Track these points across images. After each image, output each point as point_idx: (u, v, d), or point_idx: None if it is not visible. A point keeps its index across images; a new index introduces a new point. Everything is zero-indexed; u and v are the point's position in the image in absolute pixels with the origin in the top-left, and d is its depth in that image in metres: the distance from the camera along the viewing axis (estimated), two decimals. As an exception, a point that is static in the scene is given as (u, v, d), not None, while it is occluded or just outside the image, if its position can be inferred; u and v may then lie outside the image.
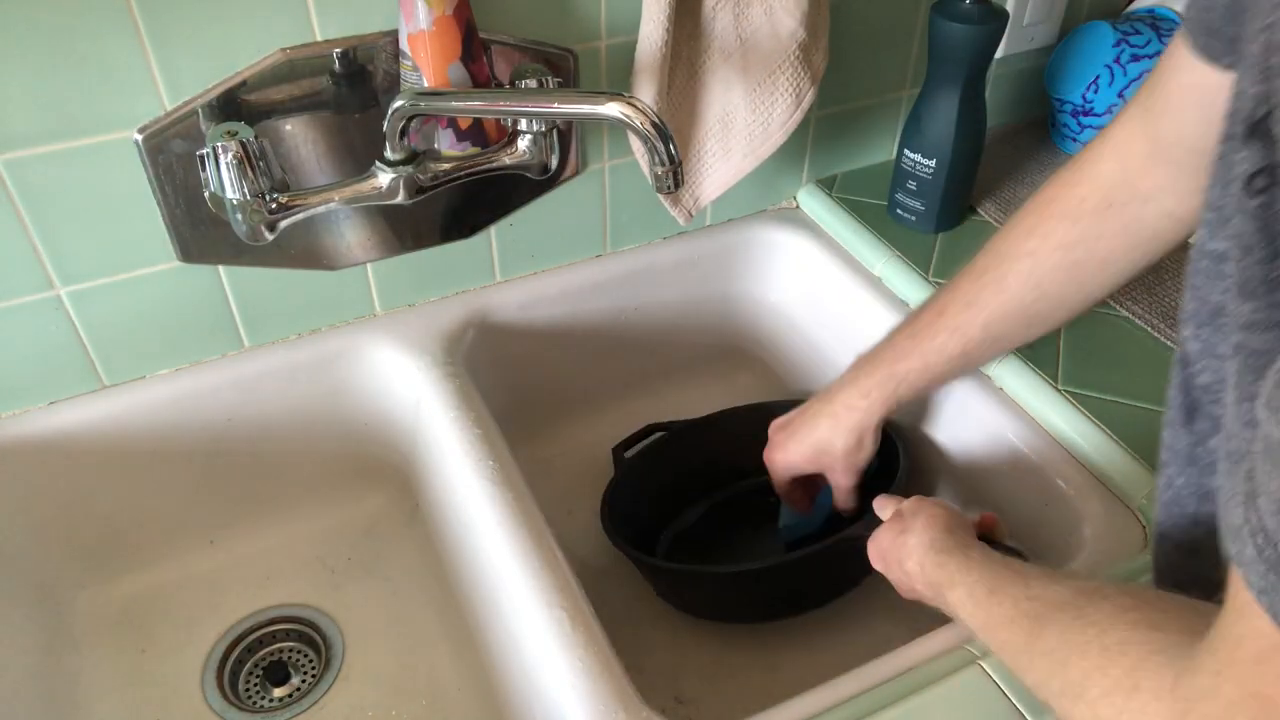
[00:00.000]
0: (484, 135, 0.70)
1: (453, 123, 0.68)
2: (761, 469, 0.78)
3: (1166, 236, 0.59)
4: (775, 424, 0.77)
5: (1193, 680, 0.35)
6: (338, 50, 0.67)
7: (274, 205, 0.64)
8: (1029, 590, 0.48)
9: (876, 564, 0.64)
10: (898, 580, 0.62)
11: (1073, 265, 0.61)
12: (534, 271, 0.87)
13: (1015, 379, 0.75)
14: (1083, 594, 0.45)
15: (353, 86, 0.69)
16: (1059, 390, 0.73)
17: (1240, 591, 0.32)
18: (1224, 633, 0.34)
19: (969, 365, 0.69)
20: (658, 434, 0.86)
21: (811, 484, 0.79)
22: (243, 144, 0.61)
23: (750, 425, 0.81)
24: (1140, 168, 0.57)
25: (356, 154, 0.71)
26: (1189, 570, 0.49)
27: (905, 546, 0.60)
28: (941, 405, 0.79)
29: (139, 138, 0.65)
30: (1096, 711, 0.40)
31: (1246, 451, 0.32)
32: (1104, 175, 0.59)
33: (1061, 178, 0.62)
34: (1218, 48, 0.47)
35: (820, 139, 0.94)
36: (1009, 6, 0.93)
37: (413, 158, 0.67)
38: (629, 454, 0.85)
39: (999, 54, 0.89)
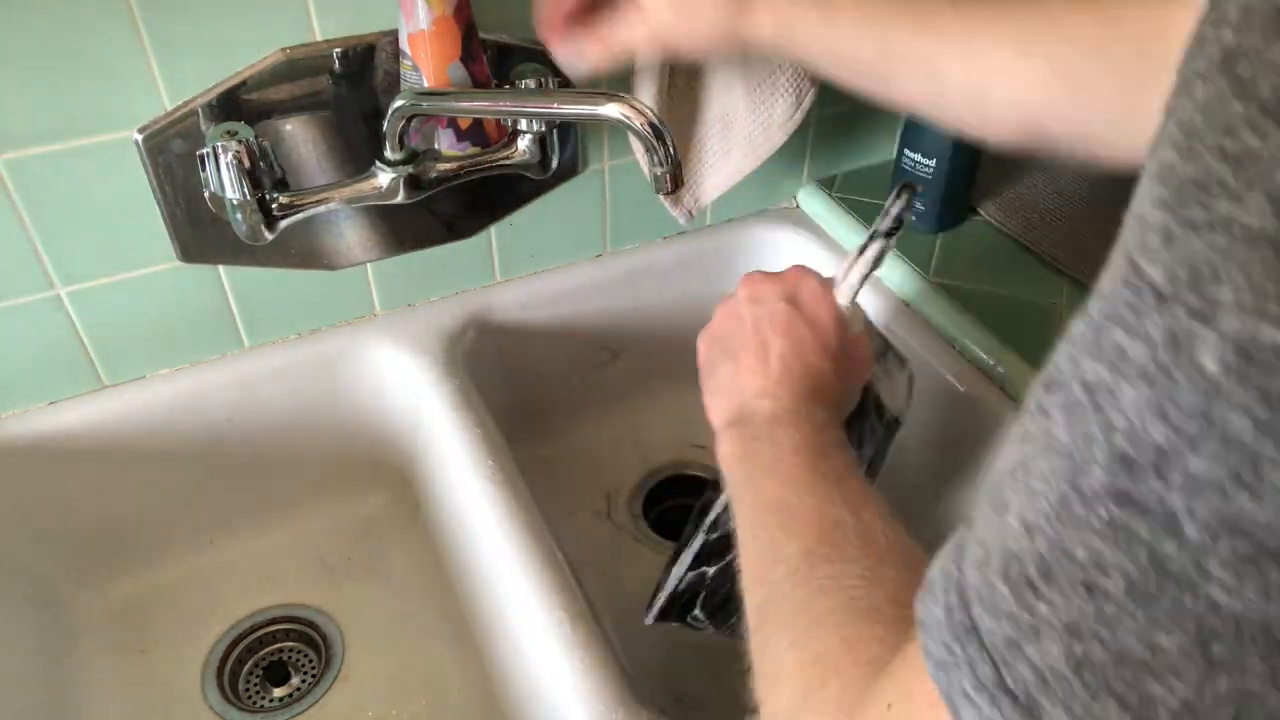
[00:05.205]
0: (484, 135, 0.70)
1: (453, 123, 0.68)
2: None
3: None
4: None
5: None
6: (338, 50, 0.67)
7: (274, 205, 0.64)
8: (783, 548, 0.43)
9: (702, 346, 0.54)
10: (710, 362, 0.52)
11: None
12: (534, 271, 0.87)
13: (1016, 376, 0.75)
14: (820, 557, 0.41)
15: (353, 86, 0.69)
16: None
17: (917, 659, 0.28)
18: (893, 686, 0.31)
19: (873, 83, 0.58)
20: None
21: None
22: (243, 144, 0.61)
23: None
24: None
25: (356, 154, 0.71)
26: None
27: (742, 362, 0.49)
28: (938, 400, 0.79)
29: (139, 138, 0.65)
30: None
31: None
32: None
33: None
34: None
35: (820, 139, 0.94)
36: (1009, 6, 0.93)
37: (413, 158, 0.67)
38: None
39: (999, 54, 0.89)
